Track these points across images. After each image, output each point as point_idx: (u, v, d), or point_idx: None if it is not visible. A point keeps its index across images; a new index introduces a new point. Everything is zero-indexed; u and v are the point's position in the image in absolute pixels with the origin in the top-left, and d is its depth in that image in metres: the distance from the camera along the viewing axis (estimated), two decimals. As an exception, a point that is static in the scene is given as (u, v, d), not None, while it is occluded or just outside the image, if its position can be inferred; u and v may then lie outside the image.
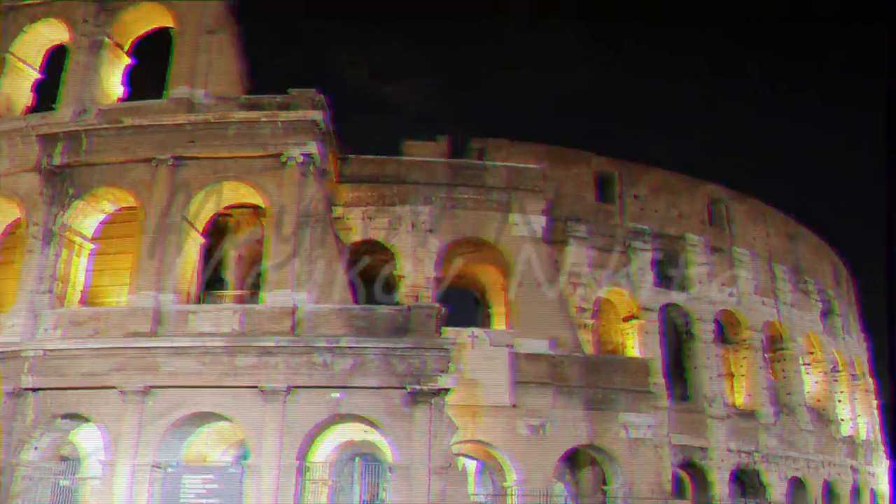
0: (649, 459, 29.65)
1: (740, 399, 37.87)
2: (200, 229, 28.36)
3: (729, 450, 34.75)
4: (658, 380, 33.38)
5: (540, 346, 30.17)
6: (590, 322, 34.30)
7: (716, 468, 34.13)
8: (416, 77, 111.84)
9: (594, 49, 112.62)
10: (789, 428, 37.55)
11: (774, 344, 39.90)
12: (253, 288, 30.34)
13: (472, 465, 33.13)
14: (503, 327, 32.96)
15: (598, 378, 30.25)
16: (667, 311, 36.56)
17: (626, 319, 36.31)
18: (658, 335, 35.42)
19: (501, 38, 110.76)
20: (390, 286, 31.87)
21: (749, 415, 36.51)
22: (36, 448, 26.08)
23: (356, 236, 31.71)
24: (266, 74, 30.87)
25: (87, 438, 27.37)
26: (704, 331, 36.59)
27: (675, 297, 36.66)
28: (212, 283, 31.99)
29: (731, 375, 38.86)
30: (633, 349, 35.50)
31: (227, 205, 29.19)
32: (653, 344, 35.04)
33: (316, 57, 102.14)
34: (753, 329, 38.27)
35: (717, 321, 37.65)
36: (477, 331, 30.60)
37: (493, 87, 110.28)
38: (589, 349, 33.03)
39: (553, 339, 30.50)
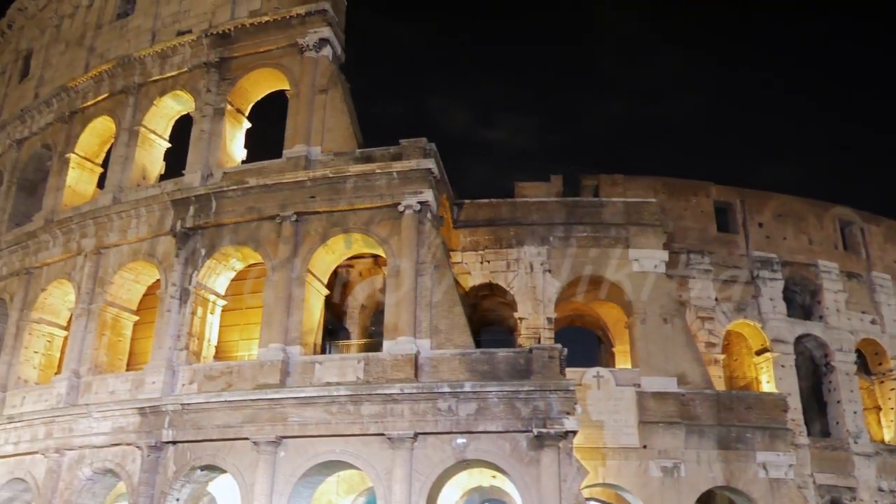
0: (792, 501, 28.07)
1: (888, 434, 35.45)
2: (324, 281, 29.11)
3: (880, 489, 32.48)
4: (796, 416, 31.78)
5: (667, 384, 29.28)
6: (719, 357, 33.09)
7: (867, 509, 31.95)
8: (517, 117, 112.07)
9: (698, 75, 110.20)
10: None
11: (923, 374, 37.28)
12: (375, 336, 30.81)
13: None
14: (627, 366, 32.19)
15: (730, 416, 29.05)
16: (802, 342, 34.82)
17: (758, 353, 34.79)
18: (793, 368, 33.73)
19: (600, 71, 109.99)
20: (510, 328, 31.71)
21: (899, 451, 34.11)
22: (177, 500, 27.03)
23: (474, 280, 31.86)
24: (370, 125, 31.70)
25: (223, 489, 28.24)
26: (845, 362, 34.63)
27: (811, 327, 34.93)
28: (335, 332, 32.77)
29: (877, 409, 36.52)
30: (767, 384, 33.92)
31: (347, 256, 29.89)
32: (788, 378, 33.39)
33: (416, 104, 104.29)
34: (899, 358, 35.94)
35: (857, 351, 35.56)
36: (601, 370, 30.01)
37: (595, 121, 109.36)
38: (720, 385, 31.79)
39: (681, 376, 29.56)
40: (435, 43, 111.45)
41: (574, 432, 24.41)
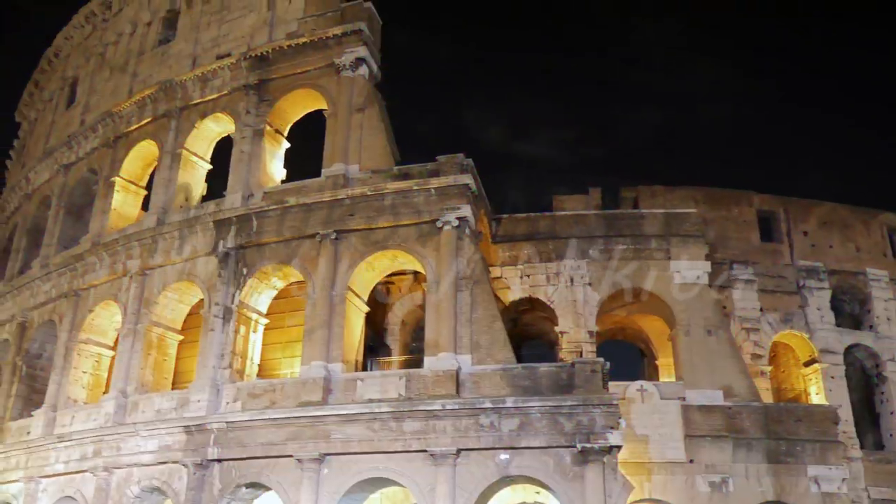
0: (847, 515, 27.38)
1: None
2: (364, 298, 29.24)
3: (941, 503, 31.51)
4: (847, 428, 31.04)
5: (713, 396, 28.80)
6: (766, 369, 32.49)
7: (927, 524, 31.00)
8: (553, 129, 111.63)
9: (733, 83, 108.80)
10: None
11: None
12: (416, 352, 30.83)
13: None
14: (672, 379, 31.74)
15: (779, 429, 28.45)
16: (851, 352, 34.04)
17: (806, 364, 34.09)
18: (844, 379, 32.97)
19: (634, 82, 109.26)
20: (551, 343, 31.50)
21: (958, 463, 33.05)
22: (223, 517, 27.29)
23: (514, 294, 31.74)
24: (405, 141, 31.89)
25: (268, 507, 28.40)
26: (897, 372, 33.76)
27: (861, 337, 34.16)
28: (376, 349, 32.85)
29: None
30: (817, 396, 33.19)
31: (387, 273, 29.99)
32: (838, 389, 32.66)
33: (451, 118, 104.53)
34: (955, 367, 34.89)
35: (911, 361, 34.64)
36: (645, 384, 29.62)
37: (632, 131, 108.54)
38: (767, 398, 31.18)
39: (727, 389, 29.04)
40: (469, 57, 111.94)
41: (619, 447, 24.10)
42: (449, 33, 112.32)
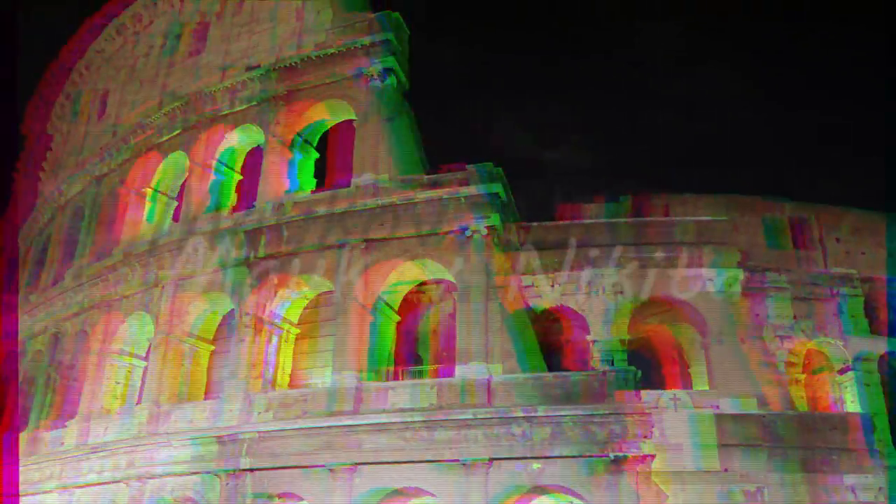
0: (884, 526, 26.92)
1: None
2: (395, 307, 29.29)
3: (979, 513, 30.91)
4: (884, 436, 30.53)
5: (747, 405, 28.46)
6: (801, 376, 32.05)
7: (969, 535, 30.41)
8: (579, 136, 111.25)
9: (752, 88, 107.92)
10: None
11: None
12: (447, 361, 30.79)
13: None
14: (704, 387, 31.42)
15: (815, 437, 28.01)
16: (888, 359, 33.52)
17: (841, 372, 33.58)
18: (879, 387, 32.47)
19: (657, 88, 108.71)
20: (582, 351, 31.32)
21: None
22: (255, 527, 27.36)
23: (544, 303, 31.52)
24: (431, 148, 31.98)
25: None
26: (934, 379, 33.20)
27: (896, 344, 33.63)
28: (407, 358, 32.82)
29: (972, 428, 34.86)
30: (852, 404, 32.70)
31: (418, 282, 30.01)
32: (874, 396, 32.11)
33: (476, 127, 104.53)
34: None
35: (948, 368, 34.09)
36: (677, 392, 29.33)
37: (657, 138, 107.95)
38: (802, 406, 30.79)
39: (760, 397, 28.71)
40: (495, 65, 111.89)
41: (652, 456, 23.99)
42: (470, 41, 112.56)
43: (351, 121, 32.35)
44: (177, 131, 36.00)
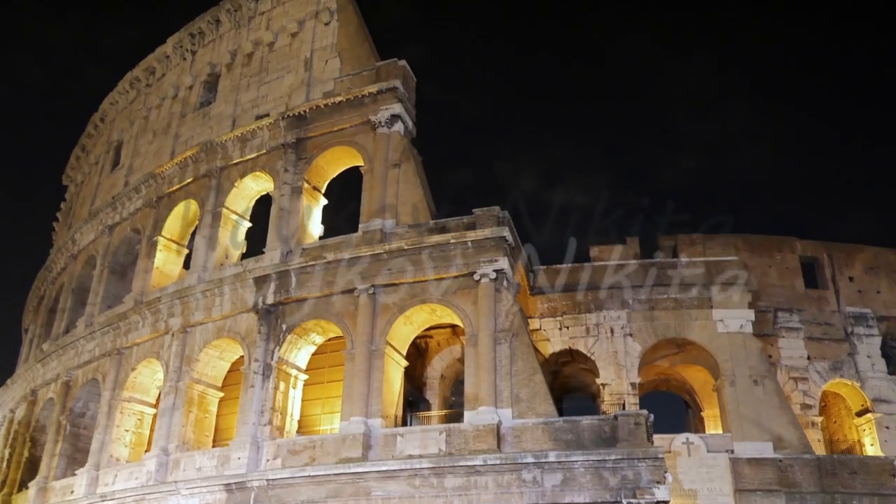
0: (909, 573, 26.20)
1: None
2: (403, 352, 29.12)
3: None
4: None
5: (763, 448, 28.01)
6: (817, 419, 31.57)
7: None
8: (586, 177, 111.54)
9: (769, 127, 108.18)
10: None
11: None
12: (456, 406, 30.52)
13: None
14: (718, 431, 30.96)
15: (834, 482, 27.50)
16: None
17: (858, 414, 33.05)
18: (900, 429, 31.87)
19: (668, 128, 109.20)
20: (593, 395, 31.00)
21: None
22: (265, 577, 26.93)
23: (553, 346, 31.40)
24: (439, 192, 32.07)
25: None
26: (957, 420, 32.51)
27: (915, 384, 33.05)
28: (415, 403, 32.59)
29: None
30: (871, 447, 32.08)
31: (425, 326, 29.89)
32: (894, 439, 31.51)
33: (484, 169, 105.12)
34: None
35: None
36: (691, 436, 28.92)
37: (667, 178, 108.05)
38: (819, 450, 30.22)
39: (777, 440, 28.24)
40: (500, 108, 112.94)
41: (666, 502, 23.45)
42: (478, 85, 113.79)
43: (359, 167, 32.55)
44: (188, 180, 36.39)
